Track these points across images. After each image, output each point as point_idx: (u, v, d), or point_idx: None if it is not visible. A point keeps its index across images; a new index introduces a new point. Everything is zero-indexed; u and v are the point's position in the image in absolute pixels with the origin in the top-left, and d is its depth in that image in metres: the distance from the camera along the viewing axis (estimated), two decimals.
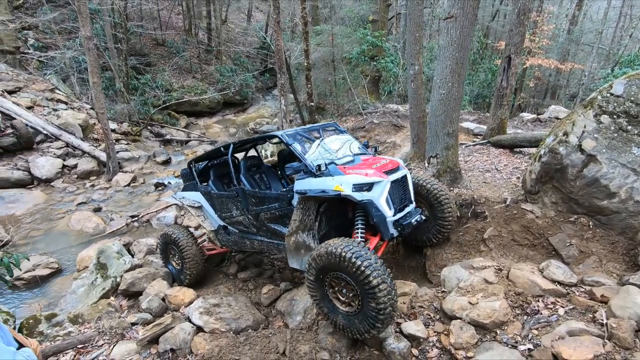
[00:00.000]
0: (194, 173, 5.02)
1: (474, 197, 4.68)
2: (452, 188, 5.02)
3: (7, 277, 4.02)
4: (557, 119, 9.82)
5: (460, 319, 3.09)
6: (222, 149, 4.62)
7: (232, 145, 4.46)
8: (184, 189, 5.25)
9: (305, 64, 11.34)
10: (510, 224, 4.13)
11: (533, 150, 6.37)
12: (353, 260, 2.81)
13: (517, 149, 6.78)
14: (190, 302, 4.35)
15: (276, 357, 3.21)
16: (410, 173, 4.03)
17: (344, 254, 2.86)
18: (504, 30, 20.02)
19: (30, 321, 3.99)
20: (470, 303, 3.12)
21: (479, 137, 8.48)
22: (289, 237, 3.67)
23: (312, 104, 11.99)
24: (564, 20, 20.48)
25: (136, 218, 8.29)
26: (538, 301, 3.03)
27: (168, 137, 15.41)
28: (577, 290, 3.09)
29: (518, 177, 5.22)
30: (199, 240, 5.18)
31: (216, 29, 21.53)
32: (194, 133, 16.28)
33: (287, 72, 12.62)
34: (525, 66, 13.28)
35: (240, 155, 5.28)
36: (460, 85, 4.88)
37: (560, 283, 3.15)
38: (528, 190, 4.29)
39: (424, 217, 3.80)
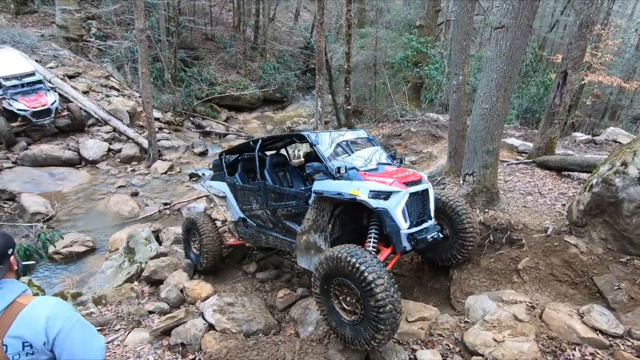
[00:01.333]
0: (223, 164, 5.17)
1: (511, 222, 4.33)
2: (486, 210, 4.69)
3: (42, 253, 4.25)
4: (616, 142, 8.95)
5: (482, 355, 2.84)
6: (251, 143, 4.73)
7: (260, 141, 4.55)
8: (212, 179, 5.41)
9: (346, 66, 11.22)
10: (549, 257, 3.77)
11: (584, 175, 5.82)
12: (348, 258, 2.83)
13: (566, 172, 6.23)
14: (207, 297, 4.38)
15: None
16: (443, 188, 3.82)
17: (339, 254, 2.90)
18: (562, 42, 18.72)
19: (58, 297, 4.19)
20: (495, 340, 2.86)
21: (523, 155, 7.92)
22: (300, 236, 3.70)
23: (350, 107, 11.85)
24: (632, 35, 18.79)
25: (168, 206, 8.59)
26: (574, 349, 2.71)
27: (208, 129, 15.89)
28: (623, 344, 2.73)
29: (563, 205, 4.77)
30: (220, 229, 5.28)
31: (263, 26, 21.95)
32: (232, 127, 16.68)
33: (328, 73, 12.58)
34: (583, 82, 12.30)
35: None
36: (506, 101, 4.54)
37: (602, 332, 2.80)
38: (574, 222, 3.89)
39: (442, 235, 3.64)
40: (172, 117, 15.26)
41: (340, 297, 3.08)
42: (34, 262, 5.85)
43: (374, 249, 3.38)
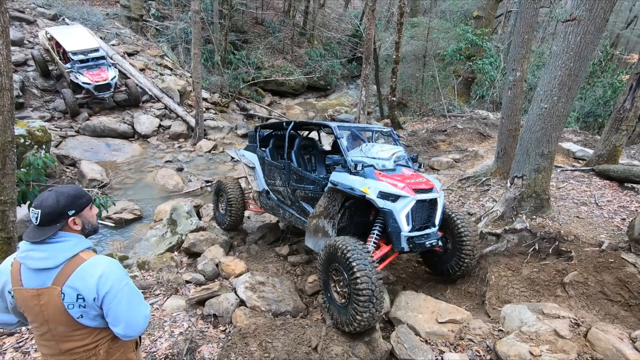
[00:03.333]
0: (257, 137, 5.57)
1: (560, 232, 4.04)
2: (534, 216, 4.41)
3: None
4: None
5: None
6: (284, 124, 5.04)
7: (292, 123, 4.88)
8: (245, 148, 5.81)
9: (394, 56, 10.90)
10: (601, 273, 3.48)
11: None
12: (342, 247, 3.21)
13: (629, 185, 5.68)
14: (240, 274, 4.54)
15: (307, 350, 3.18)
16: (487, 189, 3.65)
17: (336, 243, 3.28)
18: (639, 40, 16.90)
19: (114, 259, 4.55)
20: (532, 354, 2.71)
21: (580, 162, 7.33)
22: (311, 219, 4.02)
23: (394, 98, 11.55)
24: None
25: (210, 183, 8.95)
26: None
27: (251, 112, 16.25)
28: None
29: (624, 219, 4.37)
30: (245, 196, 5.78)
31: (313, 12, 21.83)
32: (275, 112, 16.92)
33: (375, 62, 12.30)
34: None
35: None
36: (569, 101, 4.19)
37: None
38: (635, 239, 3.55)
39: (440, 243, 3.75)
40: (218, 99, 15.74)
41: (335, 283, 3.44)
42: (112, 224, 6.47)
43: (375, 244, 3.65)
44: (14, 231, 3.50)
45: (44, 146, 7.71)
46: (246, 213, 6.23)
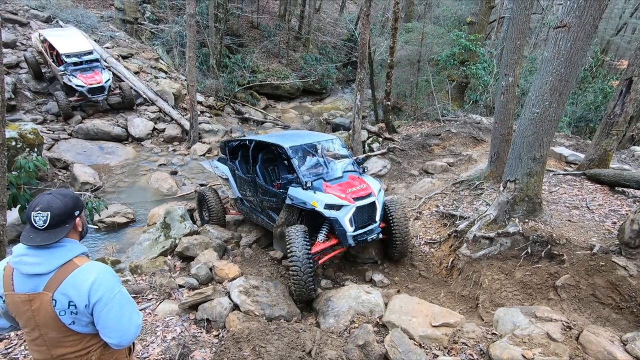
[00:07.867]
0: (226, 151, 6.24)
1: (553, 236, 4.08)
2: (527, 220, 4.44)
3: (89, 220, 4.56)
4: None
5: None
6: (247, 142, 5.77)
7: (254, 142, 5.58)
8: (219, 160, 6.41)
9: (389, 60, 10.97)
10: (592, 276, 3.52)
11: None
12: (289, 234, 4.13)
13: (619, 188, 5.76)
14: (234, 278, 4.51)
15: (301, 355, 3.17)
16: (481, 194, 3.69)
17: (288, 231, 4.21)
18: (629, 47, 17.22)
19: (108, 266, 4.49)
20: (524, 357, 2.72)
21: (572, 166, 7.42)
22: (276, 228, 4.84)
23: (389, 103, 11.61)
24: None
25: (204, 187, 8.89)
26: None
27: (247, 115, 16.21)
28: None
29: (614, 223, 4.42)
30: (224, 201, 6.39)
31: (308, 17, 21.92)
32: (270, 115, 16.90)
33: (369, 67, 12.37)
34: None
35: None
36: (560, 106, 4.24)
37: None
38: (625, 242, 3.60)
39: (380, 236, 4.57)
40: (213, 102, 15.70)
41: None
42: (95, 227, 6.50)
43: (325, 237, 4.48)
44: (4, 235, 3.45)
45: (35, 149, 7.63)
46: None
